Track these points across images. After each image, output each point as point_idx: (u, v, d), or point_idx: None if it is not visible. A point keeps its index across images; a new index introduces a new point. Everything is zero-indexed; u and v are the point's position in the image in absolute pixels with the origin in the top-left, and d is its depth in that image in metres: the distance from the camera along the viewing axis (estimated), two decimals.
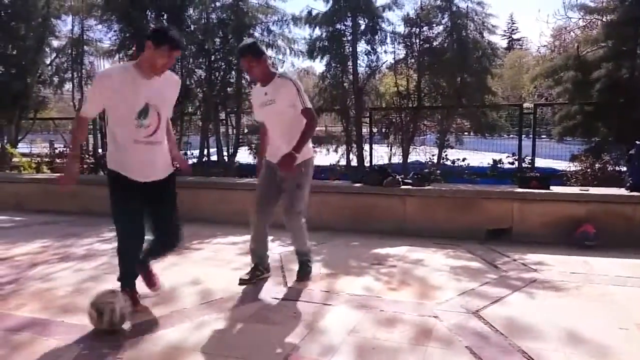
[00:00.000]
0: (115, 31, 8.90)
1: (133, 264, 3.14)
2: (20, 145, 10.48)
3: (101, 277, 3.87)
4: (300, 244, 3.74)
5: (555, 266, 4.07)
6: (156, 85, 2.93)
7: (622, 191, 5.02)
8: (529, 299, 3.31)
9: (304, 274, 3.75)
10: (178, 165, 3.27)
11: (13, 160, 9.83)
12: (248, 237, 4.76)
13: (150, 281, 3.29)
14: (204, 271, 4.00)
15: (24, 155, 10.47)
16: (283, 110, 3.40)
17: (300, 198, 3.50)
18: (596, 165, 6.84)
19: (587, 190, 5.14)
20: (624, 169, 6.18)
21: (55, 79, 10.14)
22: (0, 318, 3.04)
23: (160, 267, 4.01)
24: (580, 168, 7.05)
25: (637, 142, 5.08)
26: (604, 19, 8.62)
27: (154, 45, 2.82)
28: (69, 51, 10.19)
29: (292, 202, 3.49)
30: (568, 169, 7.38)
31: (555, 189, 5.25)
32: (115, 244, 3.18)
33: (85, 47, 10.13)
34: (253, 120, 10.12)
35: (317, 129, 10.28)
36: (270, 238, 3.84)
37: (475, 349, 2.56)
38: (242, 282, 3.58)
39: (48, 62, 10.15)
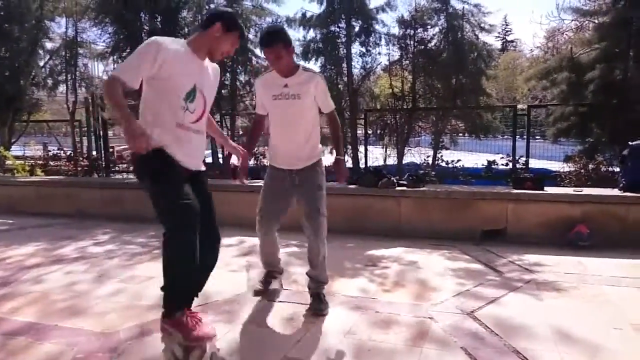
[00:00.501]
0: (109, 33, 8.89)
1: (193, 269, 2.38)
2: (13, 147, 10.42)
3: (96, 280, 3.85)
4: (319, 270, 3.23)
5: (549, 267, 4.09)
6: (206, 69, 2.63)
7: (616, 192, 5.05)
8: (524, 300, 3.32)
9: (317, 307, 3.13)
10: (234, 163, 2.99)
11: (6, 163, 9.77)
12: (244, 238, 4.78)
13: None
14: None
15: (17, 157, 10.42)
16: (310, 107, 3.12)
17: (323, 199, 3.29)
18: (590, 166, 6.88)
19: (581, 191, 5.16)
20: (617, 169, 6.21)
21: (49, 81, 10.10)
22: None
23: (156, 269, 4.00)
24: (574, 169, 7.09)
25: (630, 143, 5.12)
26: (596, 21, 8.67)
27: (224, 28, 2.55)
28: (63, 53, 10.14)
29: (317, 204, 3.22)
30: (562, 170, 7.42)
31: (549, 189, 5.27)
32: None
33: (79, 49, 10.09)
34: (248, 121, 10.13)
35: None
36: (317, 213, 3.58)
37: (471, 349, 2.57)
38: (256, 293, 3.37)
39: (42, 64, 10.10)
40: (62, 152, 10.36)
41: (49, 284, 3.77)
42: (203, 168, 2.69)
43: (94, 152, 9.95)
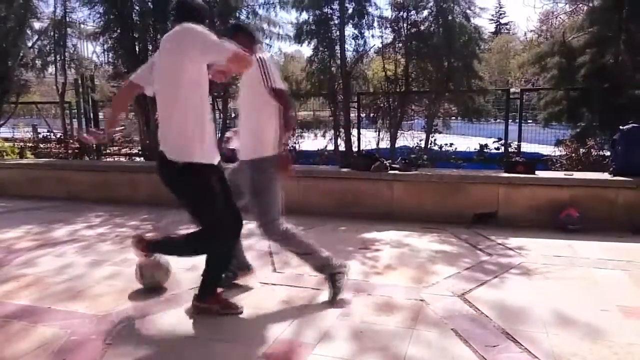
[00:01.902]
0: (99, 13, 8.72)
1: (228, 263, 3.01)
2: (2, 130, 10.29)
3: (89, 263, 3.85)
4: (309, 261, 3.06)
5: (539, 250, 4.14)
6: None
7: (606, 175, 5.10)
8: (514, 282, 3.37)
9: (333, 294, 3.06)
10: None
11: None
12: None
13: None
14: (194, 258, 3.98)
15: (6, 140, 10.31)
16: (255, 90, 2.87)
17: (266, 205, 2.91)
18: (581, 150, 6.92)
19: (572, 175, 5.21)
20: (608, 153, 6.26)
21: (38, 62, 9.93)
22: None
23: None
24: (565, 153, 7.13)
25: (621, 127, 5.15)
26: (589, 4, 8.64)
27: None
28: (52, 33, 9.96)
29: (257, 217, 2.95)
30: (553, 154, 7.47)
31: (540, 173, 5.31)
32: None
33: (68, 29, 9.89)
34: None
35: (305, 113, 10.29)
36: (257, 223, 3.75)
37: (461, 331, 2.61)
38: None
39: (30, 44, 9.92)
40: (52, 134, 10.25)
41: (42, 267, 3.77)
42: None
43: (85, 135, 9.83)
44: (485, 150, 7.88)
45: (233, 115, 9.76)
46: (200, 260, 3.62)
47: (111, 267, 3.73)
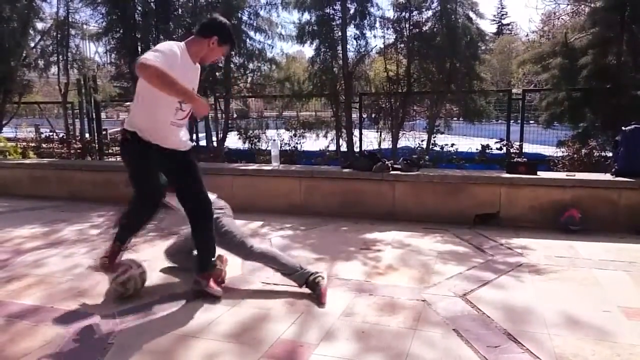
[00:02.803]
0: (101, 14, 8.75)
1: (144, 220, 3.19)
2: (5, 129, 10.31)
3: (89, 263, 3.85)
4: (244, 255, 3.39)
5: (541, 250, 4.14)
6: (197, 71, 2.99)
7: (608, 176, 5.09)
8: (516, 283, 3.37)
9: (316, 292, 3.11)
10: None
11: None
12: (238, 222, 4.77)
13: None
14: None
15: (9, 140, 10.33)
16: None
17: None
18: (583, 150, 6.91)
19: (574, 176, 5.20)
20: (610, 154, 6.26)
21: (41, 62, 9.96)
22: None
23: (151, 253, 4.02)
24: (567, 153, 7.13)
25: (623, 128, 5.14)
26: (591, 5, 8.64)
27: (218, 42, 2.89)
28: (55, 34, 9.98)
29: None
30: (555, 155, 7.46)
31: (542, 174, 5.31)
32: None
33: (71, 29, 9.92)
34: (242, 105, 10.08)
35: (307, 114, 10.28)
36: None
37: (463, 331, 2.61)
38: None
39: (33, 45, 9.95)
40: (54, 134, 10.27)
41: (45, 267, 3.78)
42: (185, 148, 3.08)
43: (87, 135, 9.87)
44: (487, 150, 7.88)
45: (235, 115, 9.79)
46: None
47: None
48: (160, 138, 2.92)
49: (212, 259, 3.22)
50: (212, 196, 3.29)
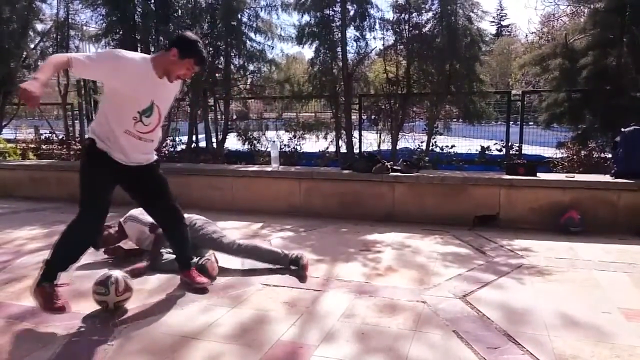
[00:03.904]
0: (101, 15, 8.75)
1: (80, 247, 2.96)
2: (4, 131, 10.31)
3: (91, 264, 3.85)
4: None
5: (541, 252, 4.14)
6: (164, 85, 2.88)
7: (607, 178, 5.09)
8: (516, 284, 3.37)
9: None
10: None
11: None
12: (238, 223, 4.79)
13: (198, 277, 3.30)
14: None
15: (8, 141, 10.33)
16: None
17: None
18: (582, 152, 6.92)
19: (573, 177, 5.21)
20: (610, 155, 6.26)
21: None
22: None
23: None
24: (566, 155, 7.13)
25: (623, 129, 5.15)
26: (591, 7, 8.64)
27: (179, 55, 2.78)
28: (54, 35, 9.98)
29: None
30: (555, 156, 7.46)
31: (541, 175, 5.32)
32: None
33: (71, 31, 9.92)
34: (241, 107, 10.08)
35: (306, 115, 10.27)
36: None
37: (463, 333, 2.61)
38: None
39: (32, 46, 9.94)
40: (54, 135, 10.27)
41: None
42: (148, 162, 3.01)
43: (87, 136, 9.84)
44: (486, 152, 7.88)
45: (234, 117, 9.79)
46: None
47: (118, 268, 3.73)
48: (118, 150, 2.85)
49: (190, 257, 3.32)
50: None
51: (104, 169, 2.87)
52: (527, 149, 8.09)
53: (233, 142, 9.41)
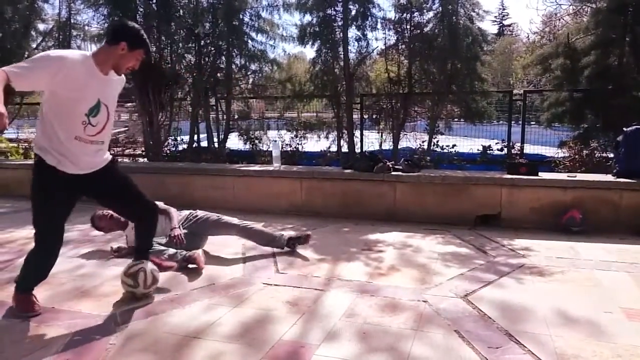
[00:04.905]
0: (103, 15, 8.75)
1: (46, 268, 2.93)
2: (6, 130, 10.35)
3: (93, 264, 3.87)
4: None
5: (542, 251, 4.14)
6: (109, 82, 2.77)
7: (609, 177, 5.09)
8: (517, 284, 3.37)
9: None
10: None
11: (0, 146, 9.71)
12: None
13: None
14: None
15: (10, 141, 10.36)
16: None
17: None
18: (584, 151, 6.92)
19: (575, 177, 5.21)
20: (612, 155, 6.26)
21: None
22: None
23: None
24: (568, 154, 7.13)
25: (625, 129, 5.14)
26: (593, 6, 8.63)
27: (128, 47, 2.67)
28: (56, 35, 10.00)
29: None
30: (556, 156, 7.46)
31: (543, 175, 5.31)
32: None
33: (72, 31, 9.93)
34: (243, 106, 10.08)
35: (308, 114, 10.27)
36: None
37: (465, 332, 2.62)
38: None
39: (34, 46, 9.96)
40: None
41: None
42: (104, 164, 2.88)
43: None
44: (488, 151, 7.87)
45: (236, 116, 9.80)
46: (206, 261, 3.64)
47: (116, 268, 3.73)
48: (70, 160, 2.69)
49: (150, 248, 3.34)
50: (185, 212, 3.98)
51: (58, 187, 2.72)
52: (529, 149, 8.09)
53: (235, 142, 9.43)
